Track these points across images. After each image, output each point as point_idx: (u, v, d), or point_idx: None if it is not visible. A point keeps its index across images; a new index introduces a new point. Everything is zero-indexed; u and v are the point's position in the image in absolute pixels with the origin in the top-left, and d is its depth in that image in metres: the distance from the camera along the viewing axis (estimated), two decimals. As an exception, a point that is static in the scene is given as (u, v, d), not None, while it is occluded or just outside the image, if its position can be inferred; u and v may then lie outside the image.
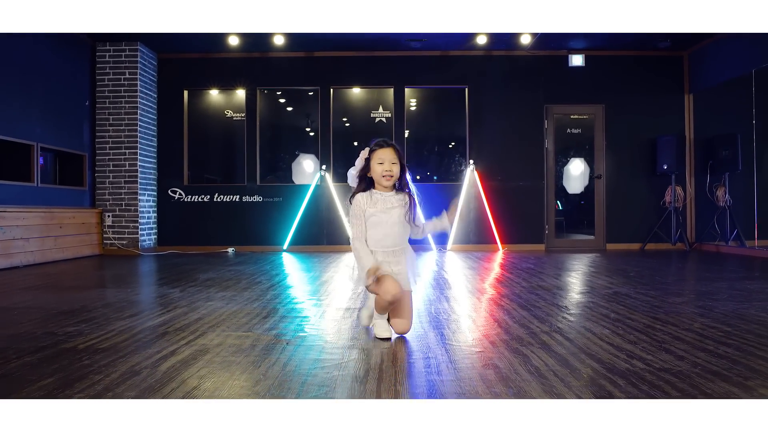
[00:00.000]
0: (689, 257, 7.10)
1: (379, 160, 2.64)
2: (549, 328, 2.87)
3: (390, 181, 2.65)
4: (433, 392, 1.90)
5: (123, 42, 7.95)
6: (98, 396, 1.86)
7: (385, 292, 2.53)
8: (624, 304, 3.56)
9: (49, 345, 2.56)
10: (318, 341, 2.64)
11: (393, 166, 2.64)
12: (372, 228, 2.66)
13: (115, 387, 1.95)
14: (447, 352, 2.41)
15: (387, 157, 2.63)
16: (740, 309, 3.35)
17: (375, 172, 2.66)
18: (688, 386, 1.92)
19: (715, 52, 7.98)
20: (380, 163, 2.64)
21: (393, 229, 2.65)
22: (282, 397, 1.86)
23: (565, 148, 9.00)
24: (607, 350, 2.42)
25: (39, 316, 3.27)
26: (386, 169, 2.62)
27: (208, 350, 2.46)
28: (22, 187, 6.46)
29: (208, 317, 3.22)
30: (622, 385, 1.94)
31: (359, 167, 2.72)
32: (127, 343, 2.59)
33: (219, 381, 2.02)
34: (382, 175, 2.64)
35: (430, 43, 8.16)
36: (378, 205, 2.65)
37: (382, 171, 2.63)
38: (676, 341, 2.56)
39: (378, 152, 2.65)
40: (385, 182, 2.65)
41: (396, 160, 2.65)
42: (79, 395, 1.87)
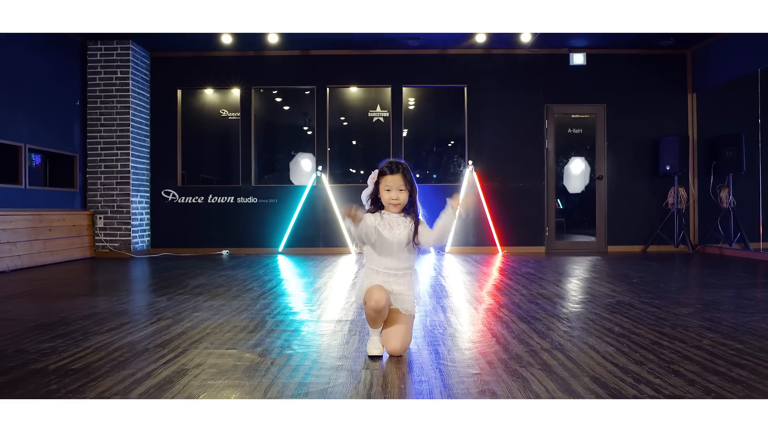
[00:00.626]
0: (692, 261, 6.95)
1: (386, 186, 2.58)
2: (550, 345, 2.71)
3: (397, 208, 2.60)
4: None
5: (114, 41, 7.79)
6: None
7: (369, 297, 2.46)
8: (628, 316, 3.41)
9: (18, 365, 2.41)
10: (305, 360, 2.48)
11: (400, 194, 2.57)
12: (377, 248, 2.58)
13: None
14: (441, 375, 2.25)
15: (394, 185, 2.56)
16: (750, 322, 3.20)
17: (383, 198, 2.60)
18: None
19: (719, 51, 7.82)
20: (387, 190, 2.58)
21: (397, 250, 2.57)
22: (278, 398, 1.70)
23: (566, 148, 8.84)
24: (611, 372, 2.26)
25: (15, 329, 3.12)
26: (393, 197, 2.57)
27: (186, 372, 2.30)
28: (8, 190, 6.30)
29: (191, 331, 3.07)
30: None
31: (369, 190, 2.66)
32: (101, 363, 2.43)
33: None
34: (389, 203, 2.59)
35: (428, 41, 7.99)
36: (386, 224, 2.58)
37: (389, 199, 2.58)
38: (685, 361, 2.41)
39: (386, 178, 2.58)
40: (392, 209, 2.60)
41: (403, 186, 2.58)
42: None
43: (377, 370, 2.34)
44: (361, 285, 2.60)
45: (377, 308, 2.45)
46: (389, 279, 2.57)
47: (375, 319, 2.53)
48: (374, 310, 2.46)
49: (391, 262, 2.57)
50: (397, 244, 2.56)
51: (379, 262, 2.58)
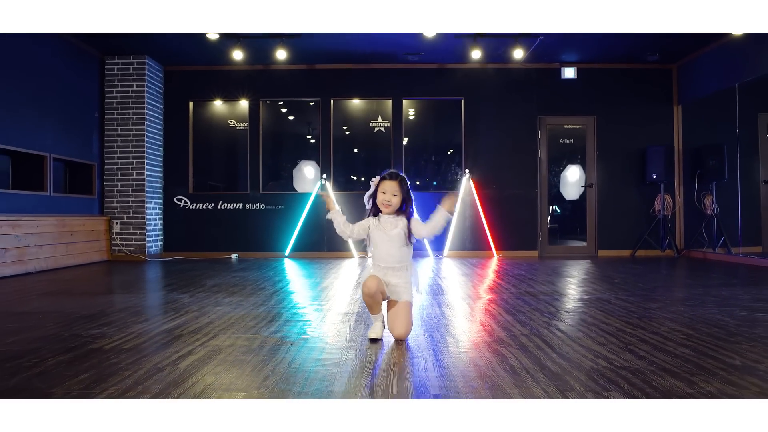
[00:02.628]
0: (677, 264, 7.39)
1: (383, 190, 3.02)
2: (529, 331, 3.16)
3: (388, 209, 3.02)
4: (419, 387, 2.19)
5: (131, 55, 8.27)
6: (130, 389, 2.15)
7: (363, 284, 2.93)
8: (602, 310, 3.85)
9: (77, 346, 2.85)
10: (319, 343, 2.93)
11: (393, 198, 3.00)
12: (374, 245, 3.05)
13: (144, 381, 2.24)
14: (434, 353, 2.70)
15: (389, 189, 3.00)
16: (708, 314, 3.64)
17: (378, 199, 3.04)
18: (640, 381, 2.21)
19: (702, 66, 8.28)
20: (383, 193, 3.01)
21: (391, 246, 3.01)
22: (288, 390, 2.14)
23: (558, 157, 9.30)
24: (577, 351, 2.71)
25: (62, 319, 3.56)
26: (385, 199, 3.00)
27: (221, 350, 2.74)
28: (36, 197, 6.75)
29: (217, 321, 3.51)
30: (582, 380, 2.23)
31: (371, 192, 3.10)
32: (148, 344, 2.88)
33: (233, 376, 2.31)
34: (382, 203, 3.02)
35: (426, 56, 8.46)
36: (381, 226, 3.03)
37: (382, 200, 3.02)
38: (641, 343, 2.85)
39: (383, 183, 3.03)
40: (383, 210, 3.04)
41: (397, 192, 3.01)
42: (114, 388, 2.16)
43: (381, 349, 2.78)
44: (363, 278, 3.04)
45: (369, 293, 2.92)
46: (387, 273, 3.02)
47: (371, 305, 2.99)
48: (366, 295, 2.94)
49: (387, 257, 3.02)
50: (389, 241, 3.00)
51: (378, 258, 3.04)
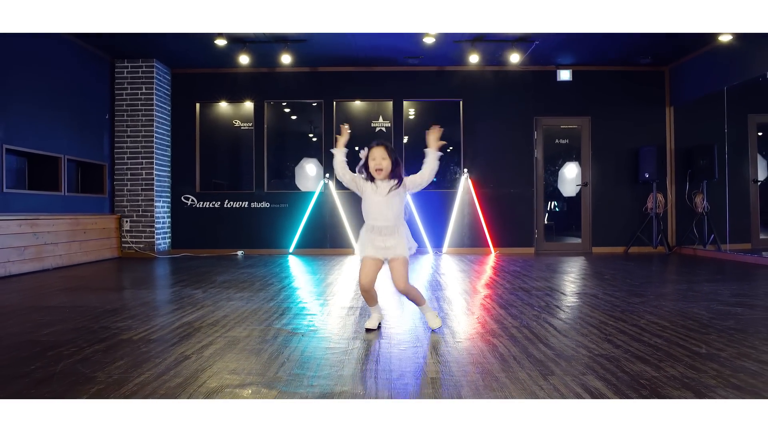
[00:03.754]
0: (667, 260, 7.68)
1: (372, 157, 3.26)
2: (519, 324, 3.45)
3: (380, 174, 3.24)
4: (418, 371, 2.48)
5: (140, 59, 8.55)
6: (164, 373, 2.44)
7: (360, 276, 3.18)
8: (589, 304, 4.14)
9: (109, 336, 3.14)
10: (327, 334, 3.22)
11: (383, 161, 3.23)
12: (369, 206, 3.24)
13: (174, 367, 2.53)
14: (432, 344, 2.99)
15: (377, 155, 3.24)
16: (687, 308, 3.93)
17: (370, 166, 3.27)
18: (613, 366, 2.50)
19: (692, 69, 8.56)
20: (373, 159, 3.25)
21: (385, 207, 3.20)
22: (303, 375, 2.43)
23: (554, 157, 9.59)
24: (560, 341, 3.00)
25: (88, 313, 3.85)
26: (376, 165, 3.23)
27: (239, 340, 3.03)
28: (51, 197, 7.04)
29: (232, 314, 3.80)
30: (563, 366, 2.52)
31: (362, 163, 3.34)
32: (172, 335, 3.17)
33: (252, 363, 2.59)
34: (374, 170, 3.25)
35: (426, 60, 8.74)
36: (375, 187, 3.25)
37: (374, 166, 3.25)
38: (621, 334, 3.14)
39: (371, 151, 3.28)
40: (377, 175, 3.26)
41: (386, 156, 3.25)
42: (149, 372, 2.45)
43: (384, 339, 3.07)
44: (361, 241, 3.26)
45: (365, 289, 3.21)
46: (381, 234, 3.20)
47: (367, 299, 3.30)
48: (363, 290, 3.23)
49: (380, 217, 3.20)
50: (385, 202, 3.19)
51: (372, 218, 3.23)
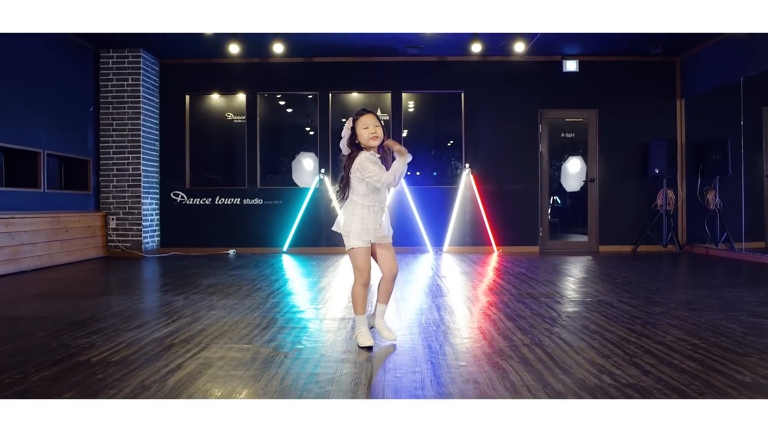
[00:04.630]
0: (678, 261, 7.30)
1: (363, 125, 2.91)
2: (530, 341, 3.07)
3: (376, 141, 2.91)
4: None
5: (126, 49, 8.13)
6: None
7: (363, 266, 2.92)
8: (605, 315, 3.76)
9: (64, 358, 2.76)
10: (314, 354, 2.84)
11: (377, 129, 2.90)
12: (373, 187, 2.91)
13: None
14: (432, 367, 2.61)
15: (370, 122, 2.91)
16: (713, 320, 3.55)
17: (362, 136, 2.91)
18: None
19: (706, 59, 8.15)
20: (365, 128, 2.90)
21: (384, 187, 2.95)
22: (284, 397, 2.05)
23: (559, 151, 9.19)
24: (580, 364, 2.62)
25: (51, 326, 3.47)
26: (371, 132, 2.89)
27: (211, 364, 2.65)
28: (29, 194, 6.65)
29: (210, 328, 3.43)
30: (586, 399, 2.14)
31: (347, 136, 2.98)
32: (136, 356, 2.79)
33: (223, 395, 2.22)
34: (369, 138, 2.89)
35: (426, 49, 8.33)
36: (378, 163, 2.92)
37: (369, 134, 2.89)
38: (647, 355, 2.76)
39: (361, 119, 2.93)
40: (372, 143, 2.90)
41: (378, 123, 2.93)
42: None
43: (378, 362, 2.69)
44: (362, 226, 2.89)
45: (368, 284, 2.94)
46: (379, 213, 2.95)
47: (363, 302, 2.96)
48: (365, 286, 2.94)
49: (381, 196, 2.95)
50: None
51: (374, 198, 2.92)
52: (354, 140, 2.95)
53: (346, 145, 3.00)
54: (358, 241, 2.92)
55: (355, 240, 2.92)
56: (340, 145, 3.06)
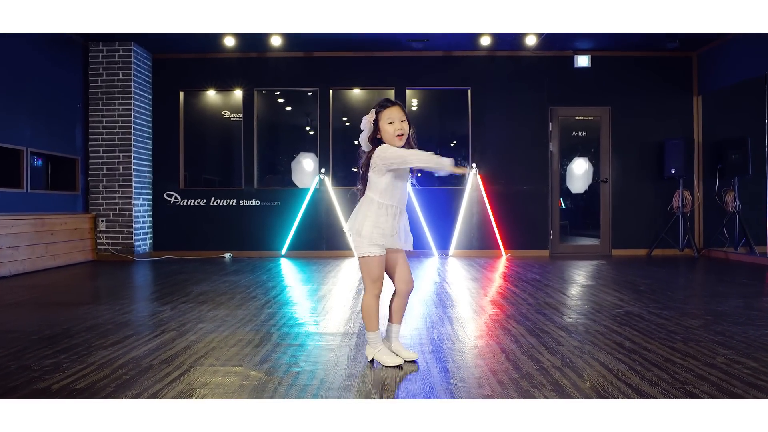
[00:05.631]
0: (698, 265, 6.91)
1: (389, 119, 2.54)
2: (561, 363, 2.67)
3: (402, 139, 2.55)
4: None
5: (116, 42, 7.74)
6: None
7: (377, 276, 2.60)
8: (638, 329, 3.37)
9: (21, 384, 2.37)
10: (312, 380, 2.44)
11: (403, 124, 2.55)
12: (396, 186, 2.57)
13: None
14: (453, 398, 2.21)
15: (396, 116, 2.54)
16: (763, 336, 3.15)
17: (387, 132, 2.55)
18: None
19: (725, 53, 7.76)
20: (390, 123, 2.54)
21: (407, 184, 2.64)
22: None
23: (571, 151, 8.79)
24: (625, 393, 2.22)
25: (17, 343, 3.08)
26: (397, 128, 2.54)
27: (192, 392, 2.26)
28: (11, 194, 6.25)
29: (196, 345, 3.03)
30: (648, 447, 1.75)
31: (369, 131, 2.61)
32: (106, 382, 2.39)
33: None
34: (395, 135, 2.53)
35: (431, 43, 7.94)
36: None
37: (394, 131, 2.54)
38: (700, 382, 2.37)
39: (385, 112, 2.55)
40: (398, 142, 2.55)
41: (404, 117, 2.57)
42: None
43: (387, 391, 2.30)
44: (376, 224, 2.54)
45: (380, 294, 2.63)
46: (398, 216, 2.59)
47: (376, 313, 2.61)
48: (378, 297, 2.61)
49: (401, 195, 2.59)
50: (407, 177, 2.62)
51: (392, 196, 2.56)
52: (376, 135, 2.58)
53: (366, 140, 2.62)
54: (371, 248, 2.54)
55: (367, 246, 2.54)
56: (360, 139, 2.66)
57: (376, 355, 2.63)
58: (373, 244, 2.53)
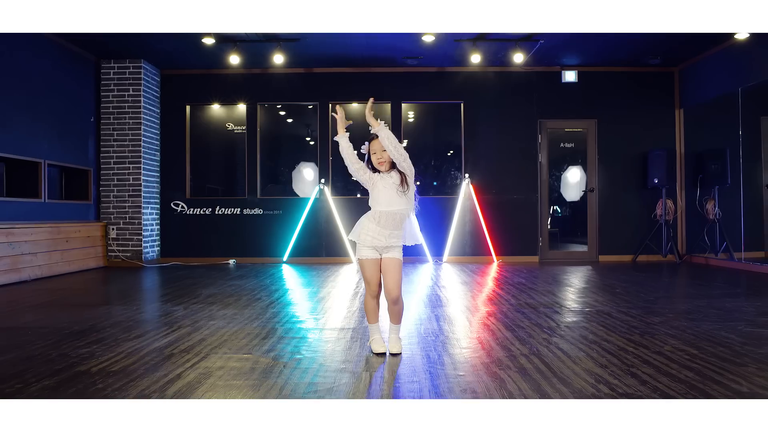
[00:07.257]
0: (678, 270, 7.30)
1: (372, 151, 3.09)
2: (528, 351, 3.07)
3: (383, 165, 3.07)
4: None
5: (127, 59, 8.18)
6: (113, 420, 2.07)
7: (365, 275, 3.04)
8: (603, 324, 3.77)
9: (64, 368, 2.77)
10: (312, 364, 2.84)
11: (384, 153, 3.04)
12: (378, 192, 3.06)
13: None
14: (430, 377, 2.62)
15: (377, 148, 3.06)
16: (713, 330, 3.56)
17: (373, 161, 3.09)
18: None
19: (704, 70, 8.19)
20: (374, 153, 3.07)
21: (391, 193, 3.03)
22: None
23: (559, 161, 9.22)
24: (578, 374, 2.62)
25: (51, 336, 3.48)
26: (378, 158, 3.06)
27: (211, 373, 2.66)
28: (30, 204, 6.67)
29: (210, 338, 3.43)
30: (585, 411, 2.15)
31: (366, 159, 3.16)
32: (136, 366, 2.80)
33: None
34: (377, 163, 3.07)
35: (425, 60, 8.37)
36: (382, 176, 3.07)
37: (376, 160, 3.07)
38: (644, 365, 2.77)
39: (371, 144, 3.09)
40: (381, 168, 3.08)
41: (383, 148, 3.02)
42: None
43: (376, 371, 2.70)
44: (363, 231, 3.03)
45: (375, 295, 3.04)
46: (388, 224, 3.02)
47: (373, 311, 3.05)
48: (373, 296, 3.03)
49: (390, 201, 3.03)
50: (389, 185, 3.03)
51: (380, 203, 3.04)
52: (370, 161, 3.11)
53: (363, 162, 3.13)
54: (360, 251, 3.04)
55: (359, 249, 3.05)
56: (353, 153, 3.16)
57: (371, 342, 3.05)
58: (362, 246, 3.02)
